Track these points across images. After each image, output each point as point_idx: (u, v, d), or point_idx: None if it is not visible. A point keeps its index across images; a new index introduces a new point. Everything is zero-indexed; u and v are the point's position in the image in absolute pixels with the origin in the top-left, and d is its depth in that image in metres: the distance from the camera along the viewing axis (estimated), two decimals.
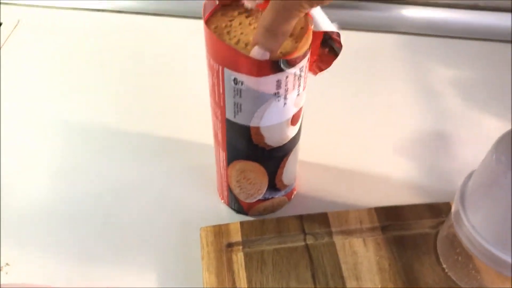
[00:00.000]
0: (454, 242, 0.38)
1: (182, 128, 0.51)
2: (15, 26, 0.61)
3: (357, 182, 0.46)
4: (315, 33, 0.33)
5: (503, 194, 0.31)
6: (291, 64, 0.31)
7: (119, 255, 0.41)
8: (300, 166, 0.43)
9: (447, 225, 0.39)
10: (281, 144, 0.37)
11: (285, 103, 0.33)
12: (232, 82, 0.32)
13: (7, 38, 0.60)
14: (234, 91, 0.32)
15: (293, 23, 0.28)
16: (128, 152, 0.49)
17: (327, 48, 0.35)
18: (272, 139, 0.36)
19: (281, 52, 0.31)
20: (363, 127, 0.51)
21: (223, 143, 0.38)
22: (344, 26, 0.33)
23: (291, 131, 0.37)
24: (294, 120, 0.36)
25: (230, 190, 0.42)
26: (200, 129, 0.47)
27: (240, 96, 0.32)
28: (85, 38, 0.61)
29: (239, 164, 0.38)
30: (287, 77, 0.31)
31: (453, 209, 0.37)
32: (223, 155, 0.39)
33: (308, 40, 0.32)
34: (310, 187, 0.46)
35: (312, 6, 0.27)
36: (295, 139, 0.38)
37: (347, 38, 0.33)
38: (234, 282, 0.38)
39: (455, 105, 0.53)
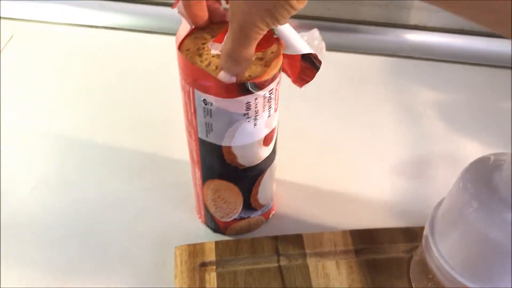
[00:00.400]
0: (426, 267, 0.38)
1: (163, 145, 0.51)
2: (9, 40, 0.62)
3: (335, 204, 0.47)
4: (291, 55, 0.33)
5: (469, 223, 0.31)
6: (259, 86, 0.31)
7: (97, 270, 0.42)
8: (278, 186, 0.43)
9: (420, 250, 0.39)
10: (254, 164, 0.37)
11: (255, 124, 0.34)
12: (202, 103, 0.32)
13: (1, 51, 0.61)
14: (204, 111, 0.33)
15: (253, 47, 0.29)
16: (109, 168, 0.49)
17: (308, 63, 0.35)
18: (245, 159, 0.36)
19: (249, 75, 0.31)
20: (344, 148, 0.52)
21: (197, 161, 0.38)
22: (330, 47, 0.34)
23: (264, 152, 0.37)
24: (266, 140, 0.36)
25: (206, 208, 0.42)
26: (181, 147, 0.47)
27: (211, 116, 0.33)
28: (77, 53, 0.61)
29: (214, 183, 0.39)
30: (256, 99, 0.32)
31: (424, 234, 0.37)
32: (198, 174, 0.39)
33: (277, 64, 0.32)
34: (288, 207, 0.46)
35: (268, 26, 0.27)
36: (269, 159, 0.38)
37: (332, 59, 0.33)
38: None
39: (436, 128, 0.53)
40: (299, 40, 0.33)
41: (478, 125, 0.53)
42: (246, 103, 0.32)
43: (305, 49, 0.33)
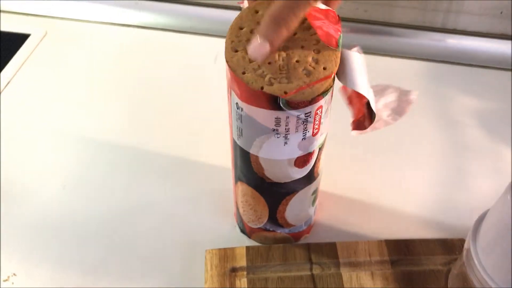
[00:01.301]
0: (466, 282, 0.36)
1: (199, 149, 0.50)
2: (43, 38, 0.63)
3: (371, 214, 0.45)
4: (360, 95, 0.30)
5: None
6: (292, 106, 0.30)
7: (126, 272, 0.41)
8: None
9: (459, 263, 0.37)
10: (281, 181, 0.36)
11: (286, 143, 0.32)
12: (235, 106, 0.31)
13: (34, 49, 0.61)
14: (237, 114, 0.32)
15: (299, 17, 0.27)
16: (143, 171, 0.49)
17: (369, 111, 0.32)
18: (272, 174, 0.35)
19: (284, 92, 0.29)
20: (381, 158, 0.50)
21: (232, 160, 0.38)
22: (365, 50, 0.32)
23: (295, 172, 0.35)
24: (299, 162, 0.34)
25: (237, 208, 0.41)
26: (217, 151, 0.47)
27: (241, 122, 0.32)
28: (109, 51, 0.61)
29: (242, 187, 0.38)
30: (287, 117, 0.30)
31: (465, 247, 0.36)
32: (232, 172, 0.39)
33: (320, 88, 0.30)
34: (323, 217, 0.45)
35: None
36: (302, 182, 0.37)
37: (369, 62, 0.32)
38: None
39: (476, 137, 0.51)
40: (362, 78, 0.30)
41: None
42: (276, 118, 0.30)
43: (362, 88, 0.30)
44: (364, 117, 0.33)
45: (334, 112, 0.35)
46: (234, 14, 0.32)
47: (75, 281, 0.41)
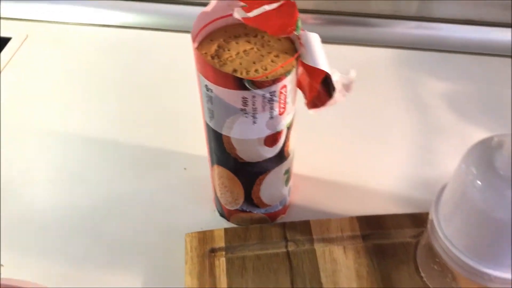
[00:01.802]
0: (432, 251, 0.38)
1: (177, 138, 0.52)
2: (24, 40, 0.64)
3: (343, 193, 0.47)
4: (318, 70, 0.32)
5: (472, 204, 0.32)
6: (257, 85, 0.32)
7: (109, 260, 0.43)
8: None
9: (425, 235, 0.39)
10: (254, 161, 0.37)
11: (254, 122, 0.34)
12: (205, 88, 0.33)
13: (16, 52, 0.63)
14: (207, 97, 0.34)
15: None
16: (122, 163, 0.51)
17: (325, 88, 0.35)
18: (244, 153, 0.37)
19: (255, 70, 0.32)
20: (353, 139, 0.52)
21: (207, 144, 0.39)
22: (339, 41, 0.34)
23: (266, 151, 0.37)
24: (269, 141, 0.36)
25: (215, 191, 0.43)
26: (193, 141, 0.48)
27: (212, 103, 0.34)
28: (89, 52, 0.63)
29: (218, 169, 0.40)
30: (253, 97, 0.32)
31: (429, 218, 0.38)
32: (208, 156, 0.40)
33: (284, 69, 0.32)
34: (297, 198, 0.47)
35: None
36: (274, 161, 0.38)
37: (341, 52, 0.34)
38: (215, 286, 0.39)
39: (445, 119, 0.54)
40: (323, 56, 0.32)
41: (486, 115, 0.54)
42: (243, 98, 0.32)
43: (324, 66, 0.32)
44: (320, 95, 0.35)
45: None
46: None
47: (60, 269, 0.42)
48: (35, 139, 0.53)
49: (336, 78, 0.33)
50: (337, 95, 0.34)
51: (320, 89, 0.34)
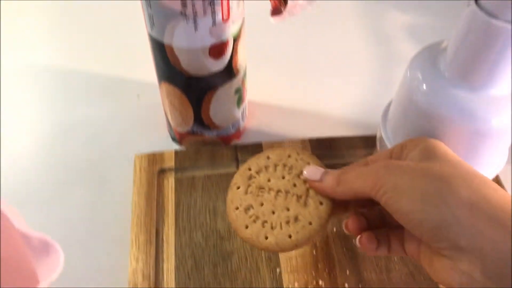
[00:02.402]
0: None
1: (131, 67, 0.51)
2: None
3: (298, 119, 0.47)
4: None
5: (419, 109, 0.31)
6: None
7: (60, 178, 0.42)
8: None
9: (375, 153, 0.39)
10: (199, 74, 0.36)
11: (196, 28, 0.33)
12: None
13: None
14: (147, 1, 0.32)
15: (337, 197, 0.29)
16: (74, 90, 0.49)
17: None
18: (189, 66, 0.36)
19: None
20: (312, 66, 0.51)
21: (153, 61, 0.38)
22: None
23: (211, 64, 0.36)
24: (213, 52, 0.35)
25: (166, 114, 0.42)
26: (148, 67, 0.47)
27: (151, 7, 0.32)
28: None
29: (165, 86, 0.39)
30: None
31: (377, 136, 0.37)
32: (156, 74, 0.39)
33: None
34: (251, 124, 0.46)
35: None
36: (221, 77, 0.37)
37: None
38: (162, 204, 0.39)
39: (404, 50, 0.53)
40: None
41: None
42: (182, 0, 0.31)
43: None
44: (281, 3, 0.34)
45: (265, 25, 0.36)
46: None
47: (18, 194, 0.41)
48: None
49: None
50: (295, 8, 0.33)
51: None
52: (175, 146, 0.44)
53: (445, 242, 0.23)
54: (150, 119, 0.46)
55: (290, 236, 0.29)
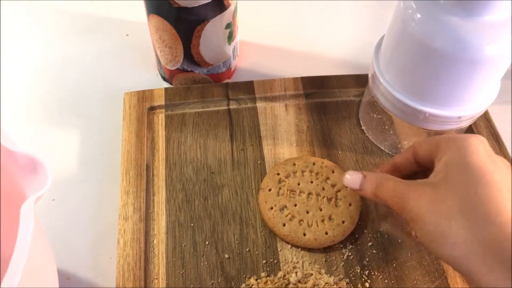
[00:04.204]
0: (373, 105, 0.38)
1: (118, 5, 0.50)
2: None
3: (289, 58, 0.46)
4: None
5: (413, 39, 0.31)
6: None
7: (49, 114, 0.42)
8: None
9: (368, 91, 0.39)
10: (188, 6, 0.35)
11: None
12: None
13: None
14: None
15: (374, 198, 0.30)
16: (64, 28, 0.48)
17: None
18: None
19: None
20: (302, 8, 0.50)
21: None
22: None
23: None
24: None
25: (156, 53, 0.41)
26: (137, 5, 0.46)
27: None
28: None
29: (154, 19, 0.38)
30: None
31: (370, 73, 0.37)
32: (144, 6, 0.38)
33: None
34: (243, 64, 0.45)
35: None
36: (211, 9, 0.36)
37: None
38: (153, 140, 0.39)
39: None
40: None
41: None
42: None
43: None
44: None
45: None
46: None
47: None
48: None
49: None
50: None
51: None
52: (166, 85, 0.44)
53: None
54: (140, 59, 0.46)
55: (326, 233, 0.33)
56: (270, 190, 0.34)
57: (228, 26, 0.39)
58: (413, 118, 0.34)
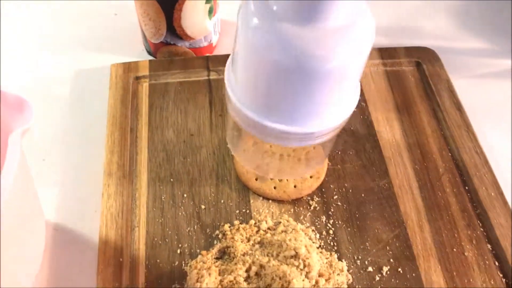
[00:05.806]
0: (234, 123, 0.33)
1: None
2: None
3: None
4: None
5: (249, 49, 0.26)
6: None
7: (37, 88, 0.44)
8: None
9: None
10: None
11: None
12: None
13: None
14: None
15: None
16: (58, 12, 0.51)
17: None
18: None
19: None
20: None
21: None
22: None
23: None
24: None
25: (140, 26, 0.44)
26: None
27: None
28: None
29: None
30: None
31: (225, 91, 0.31)
32: None
33: None
34: (224, 42, 0.48)
35: None
36: None
37: None
38: (137, 106, 0.41)
39: None
40: None
41: None
42: None
43: None
44: None
45: None
46: None
47: None
48: None
49: None
50: None
51: None
52: (150, 58, 0.46)
53: None
54: (127, 36, 0.48)
55: (295, 186, 0.36)
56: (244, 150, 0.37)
57: (208, 1, 0.42)
58: (261, 134, 0.29)
